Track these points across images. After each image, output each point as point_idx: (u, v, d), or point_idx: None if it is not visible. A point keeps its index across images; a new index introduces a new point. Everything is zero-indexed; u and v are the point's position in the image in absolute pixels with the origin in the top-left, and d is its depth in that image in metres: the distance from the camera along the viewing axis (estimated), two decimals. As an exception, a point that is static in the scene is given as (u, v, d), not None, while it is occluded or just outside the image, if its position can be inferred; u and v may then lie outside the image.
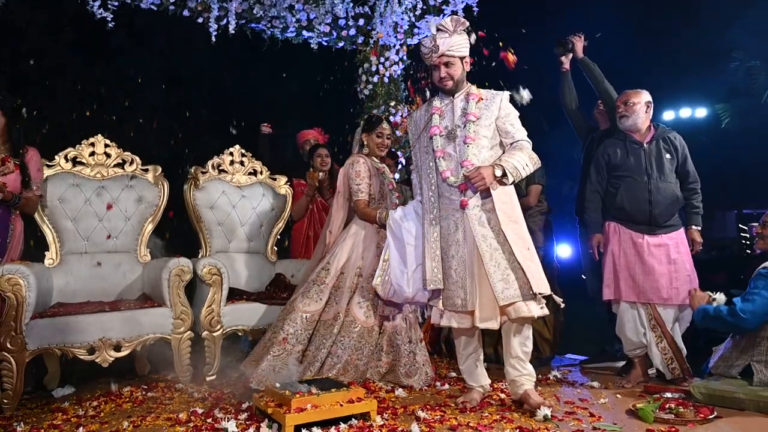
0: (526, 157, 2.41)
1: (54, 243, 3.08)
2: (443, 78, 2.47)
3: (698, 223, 3.03)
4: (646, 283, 2.92)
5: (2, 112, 2.83)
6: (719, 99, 8.74)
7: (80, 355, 2.69)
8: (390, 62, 4.54)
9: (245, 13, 4.07)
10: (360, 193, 2.91)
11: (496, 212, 2.39)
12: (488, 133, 2.45)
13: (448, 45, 2.42)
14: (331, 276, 2.89)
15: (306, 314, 2.84)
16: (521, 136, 2.47)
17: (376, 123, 3.02)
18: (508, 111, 2.49)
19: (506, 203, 2.43)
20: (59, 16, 5.62)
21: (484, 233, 2.38)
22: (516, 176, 2.38)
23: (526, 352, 2.45)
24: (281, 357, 2.73)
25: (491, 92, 2.52)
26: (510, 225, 2.40)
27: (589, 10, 7.31)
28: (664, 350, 2.91)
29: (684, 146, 3.03)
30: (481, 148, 2.43)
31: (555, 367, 3.27)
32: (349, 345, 2.78)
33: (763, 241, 2.64)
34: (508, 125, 2.47)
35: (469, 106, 2.46)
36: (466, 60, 2.51)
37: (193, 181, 3.46)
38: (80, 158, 3.21)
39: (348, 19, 4.30)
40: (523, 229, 2.45)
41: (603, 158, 3.11)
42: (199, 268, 2.99)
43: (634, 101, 3.01)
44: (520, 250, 2.36)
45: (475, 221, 2.40)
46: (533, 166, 2.45)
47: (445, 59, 2.44)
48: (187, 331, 2.93)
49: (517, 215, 2.46)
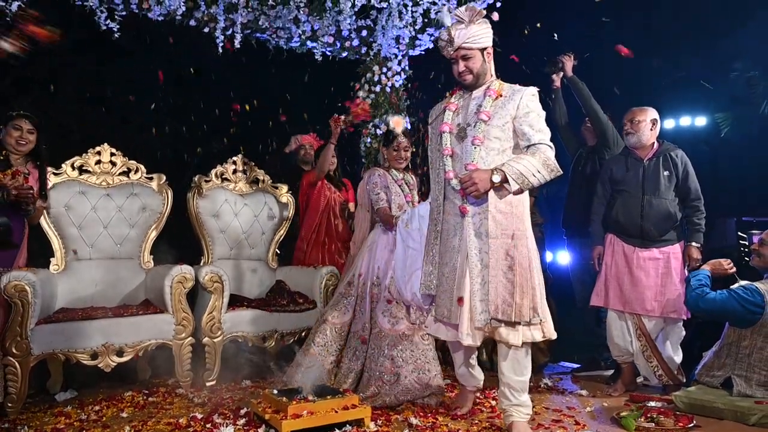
0: (538, 162, 2.14)
1: (59, 249, 3.15)
2: (462, 72, 2.25)
3: (698, 240, 3.03)
4: (632, 293, 3.02)
5: (36, 130, 2.90)
6: (719, 108, 8.78)
7: (83, 360, 2.76)
8: (392, 72, 4.63)
9: (251, 24, 4.16)
10: (381, 201, 2.99)
11: (488, 222, 2.17)
12: (500, 134, 2.21)
13: (465, 36, 2.19)
14: (354, 287, 2.95)
15: (335, 326, 2.89)
16: (539, 138, 2.19)
17: (393, 137, 3.08)
18: (529, 110, 2.20)
19: (505, 214, 2.19)
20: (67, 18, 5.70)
21: (479, 245, 2.20)
22: (523, 184, 2.13)
23: (519, 381, 2.24)
24: (313, 369, 2.77)
25: (514, 88, 2.26)
26: (501, 240, 2.17)
27: (588, 21, 7.38)
28: (649, 359, 3.01)
29: (686, 164, 3.07)
30: (490, 151, 2.21)
31: (547, 375, 3.34)
32: (384, 357, 2.70)
33: (759, 259, 2.67)
34: (526, 126, 2.20)
35: (484, 103, 2.23)
36: (487, 51, 2.26)
37: (196, 189, 3.54)
38: (86, 166, 3.29)
39: (351, 31, 4.38)
40: (520, 246, 2.18)
41: (606, 173, 3.22)
42: (201, 276, 3.06)
43: (639, 119, 3.08)
44: (499, 270, 2.14)
45: (472, 230, 2.21)
46: (549, 174, 2.16)
47: (463, 52, 2.22)
48: (188, 337, 3.01)
49: (517, 228, 2.20)
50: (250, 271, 3.64)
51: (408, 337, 2.73)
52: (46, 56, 5.82)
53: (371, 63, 4.60)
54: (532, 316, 2.15)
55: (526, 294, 2.14)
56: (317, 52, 4.42)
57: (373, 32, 4.50)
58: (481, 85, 2.28)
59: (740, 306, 2.49)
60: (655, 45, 8.15)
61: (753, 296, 2.48)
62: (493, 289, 2.13)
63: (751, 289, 2.50)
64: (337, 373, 2.83)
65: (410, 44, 4.58)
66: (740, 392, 2.46)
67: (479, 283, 2.18)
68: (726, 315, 2.58)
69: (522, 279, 2.15)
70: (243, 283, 3.58)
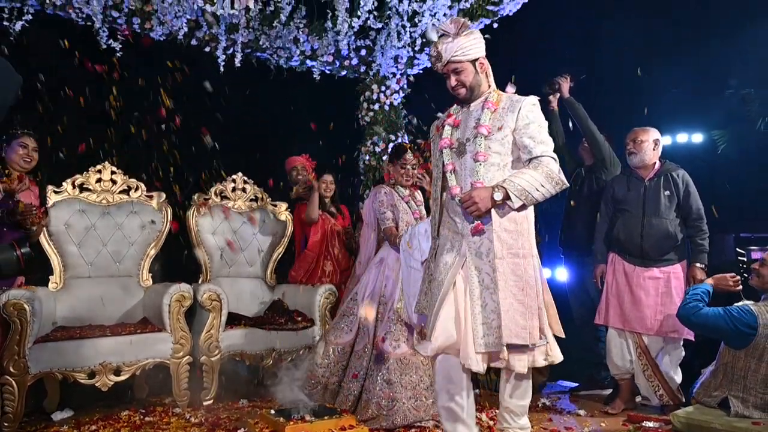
0: (541, 176, 2.05)
1: (58, 267, 3.16)
2: (455, 86, 2.16)
3: (701, 260, 3.02)
4: (632, 312, 3.02)
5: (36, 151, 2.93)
6: (715, 125, 8.87)
7: (81, 379, 2.75)
8: (390, 91, 4.69)
9: (251, 43, 4.22)
10: (387, 220, 2.98)
11: (494, 242, 2.05)
12: (501, 148, 2.11)
13: (453, 50, 2.10)
14: (359, 306, 2.89)
15: (338, 346, 2.85)
16: (541, 150, 2.08)
17: (400, 153, 3.06)
18: (529, 121, 2.09)
19: (510, 232, 2.08)
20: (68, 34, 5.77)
21: (480, 266, 2.07)
22: (527, 199, 2.04)
23: (520, 406, 2.15)
24: (315, 393, 2.75)
25: (512, 98, 2.15)
26: (508, 260, 2.05)
27: (587, 41, 7.48)
28: (650, 378, 3.00)
29: (688, 183, 3.08)
30: (490, 167, 2.10)
31: (545, 395, 3.33)
32: (382, 380, 2.66)
33: (758, 279, 2.64)
34: (527, 138, 2.09)
35: (482, 116, 2.13)
36: (480, 62, 2.15)
37: (196, 207, 3.56)
38: (87, 184, 3.32)
39: (350, 50, 4.45)
40: (527, 266, 2.07)
41: (608, 192, 3.25)
42: (200, 294, 3.07)
43: (642, 139, 3.11)
44: (509, 292, 2.03)
45: (473, 250, 2.09)
46: (553, 188, 2.07)
47: (453, 66, 2.13)
48: (186, 356, 3.00)
49: (523, 247, 2.09)
50: (248, 289, 3.65)
51: (408, 360, 2.70)
52: (47, 74, 5.89)
53: (370, 82, 4.67)
54: (540, 338, 2.04)
55: (534, 315, 2.04)
56: (316, 70, 4.49)
57: (372, 52, 4.57)
58: (478, 97, 2.19)
59: (732, 325, 2.48)
60: (651, 62, 8.25)
61: (745, 317, 2.48)
62: (504, 312, 2.00)
63: (745, 309, 2.50)
64: (339, 393, 2.81)
65: (408, 63, 4.65)
66: (737, 413, 2.45)
67: (480, 305, 2.05)
68: (718, 333, 2.57)
69: (530, 300, 2.04)
70: (241, 301, 3.58)
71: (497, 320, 2.00)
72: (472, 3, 4.06)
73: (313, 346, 3.19)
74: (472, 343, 2.02)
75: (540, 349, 2.07)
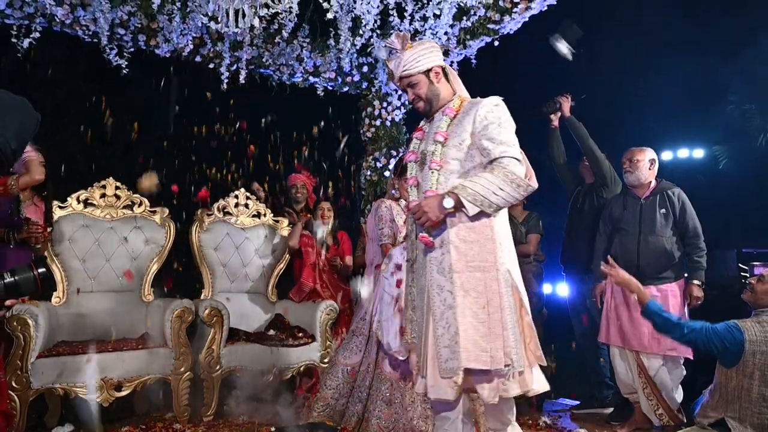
0: (499, 179, 1.86)
1: (62, 282, 3.18)
2: (413, 101, 2.09)
3: (699, 278, 3.02)
4: (631, 330, 3.03)
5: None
6: (716, 140, 8.92)
7: (82, 394, 2.76)
8: (392, 107, 4.73)
9: (254, 60, 4.28)
10: (384, 237, 2.97)
11: (451, 254, 1.88)
12: (459, 154, 1.96)
13: (401, 65, 2.03)
14: (366, 325, 2.86)
15: (347, 367, 2.82)
16: (500, 151, 1.90)
17: (405, 169, 3.10)
18: (487, 122, 1.93)
19: (470, 243, 1.89)
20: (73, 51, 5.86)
21: (441, 283, 1.91)
22: (483, 205, 1.85)
23: (502, 422, 2.00)
24: (324, 414, 2.74)
25: (472, 102, 2.03)
26: (467, 274, 1.88)
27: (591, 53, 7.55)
28: (649, 396, 2.99)
29: (684, 201, 3.09)
30: (450, 175, 1.96)
31: (546, 413, 3.32)
32: (382, 401, 2.64)
33: (751, 294, 2.61)
34: (485, 140, 1.92)
35: (441, 124, 2.03)
36: (434, 71, 2.05)
37: (198, 222, 3.59)
38: (91, 199, 3.35)
39: (353, 67, 4.50)
40: (489, 281, 1.88)
41: (607, 211, 3.28)
42: (201, 310, 3.09)
43: (638, 158, 3.14)
44: (467, 309, 1.86)
45: (435, 266, 1.93)
46: (515, 191, 1.87)
47: (406, 81, 2.05)
48: (187, 372, 3.01)
49: (485, 260, 1.89)
50: (249, 305, 3.66)
51: (409, 381, 2.68)
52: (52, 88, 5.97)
53: (372, 98, 4.72)
54: (506, 363, 1.83)
55: (498, 336, 1.84)
56: (319, 87, 4.55)
57: (374, 68, 4.63)
58: (440, 108, 2.07)
59: (719, 343, 2.45)
60: (651, 77, 8.31)
61: (731, 333, 2.45)
62: (462, 332, 1.83)
63: (731, 326, 2.47)
64: (345, 413, 2.80)
65: (410, 80, 4.69)
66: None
67: (443, 326, 1.88)
68: (708, 352, 2.53)
69: (493, 319, 1.85)
70: (242, 316, 3.59)
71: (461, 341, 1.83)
72: (474, 21, 4.11)
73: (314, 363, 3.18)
74: (437, 369, 1.87)
75: (513, 377, 1.85)
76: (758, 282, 2.60)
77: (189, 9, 3.78)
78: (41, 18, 3.53)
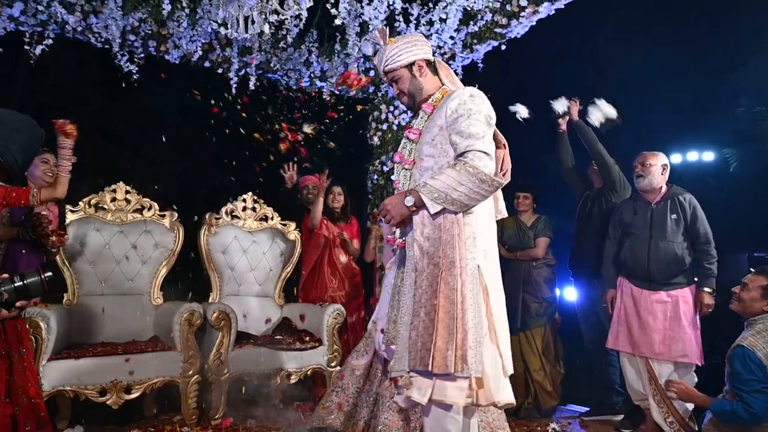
0: (461, 174, 1.78)
1: (73, 285, 3.22)
2: (398, 96, 2.05)
3: (709, 285, 2.98)
4: (641, 336, 3.01)
5: None
6: (726, 143, 8.84)
7: (92, 396, 2.79)
8: (399, 111, 4.74)
9: (263, 65, 4.32)
10: None
11: (415, 252, 1.84)
12: (431, 150, 1.90)
13: (384, 60, 1.99)
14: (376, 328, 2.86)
15: (356, 369, 2.71)
16: (466, 145, 1.82)
17: None
18: (457, 115, 1.85)
19: (433, 240, 1.82)
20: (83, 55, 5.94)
21: (407, 281, 1.89)
22: (445, 202, 1.78)
23: None
24: (331, 417, 2.75)
25: (449, 94, 1.96)
26: (428, 271, 1.81)
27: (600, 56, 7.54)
28: (660, 403, 2.96)
29: (695, 207, 3.05)
30: (424, 172, 1.91)
31: (555, 420, 3.30)
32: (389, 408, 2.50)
33: (738, 303, 2.53)
34: (454, 135, 1.85)
35: (419, 121, 1.99)
36: (417, 65, 1.99)
37: (206, 226, 3.62)
38: (102, 203, 3.38)
39: (360, 72, 4.52)
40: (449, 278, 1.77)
41: (616, 216, 3.25)
42: (209, 314, 3.10)
43: (651, 162, 3.11)
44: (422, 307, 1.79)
45: (410, 266, 1.89)
46: (479, 186, 1.78)
47: (390, 75, 2.01)
48: (196, 375, 3.02)
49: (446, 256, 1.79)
50: (257, 308, 3.68)
51: None
52: (62, 91, 6.05)
53: (379, 102, 4.73)
54: (460, 368, 1.69)
55: (452, 338, 1.71)
56: (326, 91, 4.57)
57: (380, 73, 4.65)
58: (424, 102, 2.01)
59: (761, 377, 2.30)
60: (661, 81, 8.27)
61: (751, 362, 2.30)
62: (414, 330, 1.77)
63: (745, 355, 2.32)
64: (352, 417, 2.79)
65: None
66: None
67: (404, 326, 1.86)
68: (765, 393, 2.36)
69: (448, 318, 1.73)
70: (250, 319, 3.61)
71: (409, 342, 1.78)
72: (481, 26, 4.12)
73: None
74: None
75: (463, 383, 1.74)
76: (743, 290, 2.51)
77: (198, 16, 3.81)
78: (54, 25, 3.58)
